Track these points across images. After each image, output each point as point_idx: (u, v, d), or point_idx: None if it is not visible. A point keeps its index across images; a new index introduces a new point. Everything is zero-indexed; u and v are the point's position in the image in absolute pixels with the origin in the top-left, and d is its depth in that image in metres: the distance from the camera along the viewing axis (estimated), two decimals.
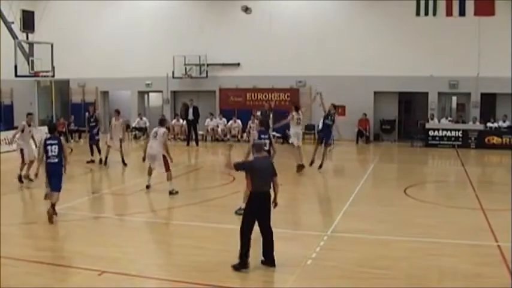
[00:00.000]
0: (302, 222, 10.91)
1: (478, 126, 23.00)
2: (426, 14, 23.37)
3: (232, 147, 8.88)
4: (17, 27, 23.52)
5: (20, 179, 13.78)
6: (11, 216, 10.77)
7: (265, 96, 25.46)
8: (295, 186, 14.42)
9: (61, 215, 10.68)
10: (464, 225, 10.09)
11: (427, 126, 23.25)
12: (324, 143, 16.50)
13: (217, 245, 8.73)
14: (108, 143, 17.18)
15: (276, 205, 7.86)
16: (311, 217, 11.29)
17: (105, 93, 28.92)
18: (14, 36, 23.33)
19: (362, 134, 24.51)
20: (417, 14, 23.47)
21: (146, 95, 28.98)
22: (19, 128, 14.70)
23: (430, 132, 22.96)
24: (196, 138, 23.71)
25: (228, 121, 25.60)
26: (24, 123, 14.47)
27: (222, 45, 25.71)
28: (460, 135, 22.68)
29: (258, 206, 7.53)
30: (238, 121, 25.37)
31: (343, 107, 23.88)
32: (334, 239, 9.18)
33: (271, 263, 7.63)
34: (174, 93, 27.82)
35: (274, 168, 7.97)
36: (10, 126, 24.75)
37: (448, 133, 22.82)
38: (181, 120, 25.34)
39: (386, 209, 11.55)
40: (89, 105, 21.94)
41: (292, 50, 24.76)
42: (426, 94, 24.33)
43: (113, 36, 27.21)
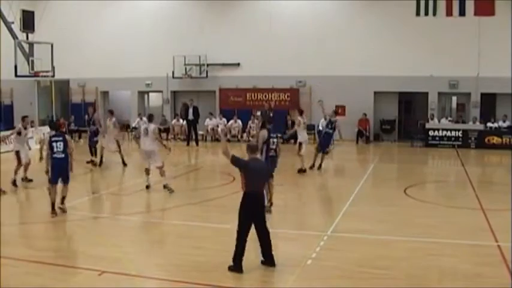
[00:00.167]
0: (302, 222, 10.89)
1: (478, 126, 22.99)
2: (426, 14, 23.37)
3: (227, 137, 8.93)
4: (17, 27, 23.50)
5: (14, 183, 13.53)
6: (11, 216, 10.78)
7: (265, 96, 25.45)
8: (295, 186, 14.43)
9: (61, 215, 10.71)
10: (464, 225, 10.09)
11: (427, 126, 23.24)
12: (323, 151, 16.57)
13: (217, 245, 8.73)
14: (103, 144, 17.17)
15: (271, 204, 7.86)
16: (311, 217, 11.30)
17: (105, 93, 28.93)
18: (14, 36, 23.32)
19: (362, 134, 24.50)
20: (417, 14, 23.46)
21: (146, 95, 28.97)
22: (16, 129, 14.60)
23: (430, 132, 22.95)
24: (196, 138, 23.72)
25: (228, 121, 25.61)
26: (21, 126, 14.40)
27: (222, 45, 25.71)
28: (460, 135, 22.68)
29: (252, 206, 7.54)
30: (239, 121, 25.38)
31: (343, 107, 23.90)
32: (334, 239, 9.18)
33: (271, 263, 7.63)
34: (174, 93, 27.82)
35: (269, 170, 7.98)
36: (10, 126, 24.68)
37: (448, 133, 22.82)
38: (181, 120, 25.35)
39: (386, 209, 11.55)
40: (89, 105, 21.95)
41: (292, 50, 24.76)
42: (426, 94, 24.32)
43: (113, 36, 27.21)
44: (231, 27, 25.88)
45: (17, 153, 14.04)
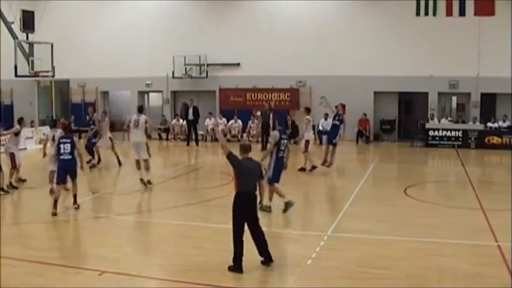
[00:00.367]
0: (302, 222, 10.89)
1: (478, 126, 22.99)
2: (426, 14, 23.37)
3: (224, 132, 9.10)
4: (17, 27, 23.52)
5: (11, 186, 13.35)
6: (11, 216, 10.78)
7: (265, 96, 25.44)
8: (296, 186, 14.38)
9: (61, 215, 10.71)
10: (464, 225, 10.09)
11: (427, 126, 23.24)
12: (332, 143, 16.65)
13: (217, 245, 8.72)
14: (99, 144, 17.23)
15: (261, 206, 7.92)
16: (311, 217, 11.31)
17: (105, 93, 28.94)
18: (14, 36, 23.33)
19: (362, 134, 24.50)
20: (417, 14, 23.46)
21: (146, 95, 28.96)
22: (13, 130, 14.12)
23: (430, 132, 22.95)
24: (196, 138, 23.71)
25: (228, 121, 25.61)
26: (19, 127, 14.13)
27: (222, 45, 25.71)
28: (460, 135, 22.68)
29: (244, 206, 7.57)
30: (239, 121, 25.38)
31: (343, 107, 23.87)
32: (334, 239, 9.18)
33: (269, 259, 7.65)
34: (174, 93, 27.82)
35: (261, 171, 8.04)
36: (10, 126, 24.56)
37: (448, 133, 22.82)
38: (181, 120, 25.35)
39: (386, 209, 11.55)
40: (89, 105, 21.94)
41: (292, 50, 24.75)
42: (426, 94, 24.32)
43: (113, 36, 27.21)
44: (231, 27, 25.88)
45: (12, 155, 13.55)
